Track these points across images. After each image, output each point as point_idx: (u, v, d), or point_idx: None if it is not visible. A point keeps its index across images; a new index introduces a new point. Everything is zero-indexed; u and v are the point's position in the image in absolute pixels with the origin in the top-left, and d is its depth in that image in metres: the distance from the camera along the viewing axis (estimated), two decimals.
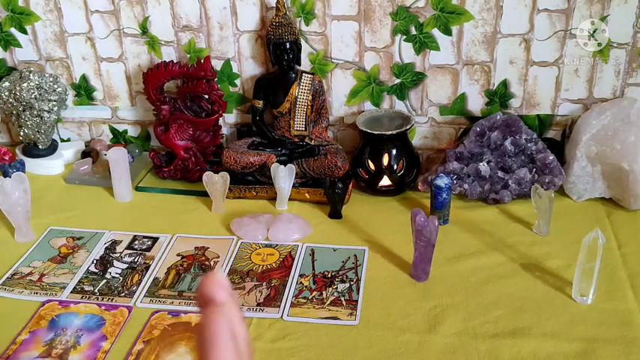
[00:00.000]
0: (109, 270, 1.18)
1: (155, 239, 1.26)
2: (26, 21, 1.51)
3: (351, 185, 1.37)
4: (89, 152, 1.55)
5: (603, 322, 1.00)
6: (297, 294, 1.09)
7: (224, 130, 1.53)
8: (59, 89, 1.51)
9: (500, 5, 1.30)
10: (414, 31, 1.35)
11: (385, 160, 1.34)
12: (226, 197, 1.36)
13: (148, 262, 1.19)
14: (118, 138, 1.61)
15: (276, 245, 1.23)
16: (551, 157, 1.31)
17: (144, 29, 1.46)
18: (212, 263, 1.18)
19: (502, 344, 0.96)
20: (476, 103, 1.41)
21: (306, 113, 1.42)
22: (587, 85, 1.36)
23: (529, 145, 1.32)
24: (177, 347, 0.98)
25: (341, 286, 1.11)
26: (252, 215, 1.29)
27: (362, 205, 1.35)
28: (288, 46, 1.34)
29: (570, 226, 1.24)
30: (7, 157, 1.52)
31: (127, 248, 1.24)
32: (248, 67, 1.47)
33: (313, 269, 1.16)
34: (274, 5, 1.35)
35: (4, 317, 1.07)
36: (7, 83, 1.49)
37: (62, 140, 1.63)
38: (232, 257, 1.20)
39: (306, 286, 1.11)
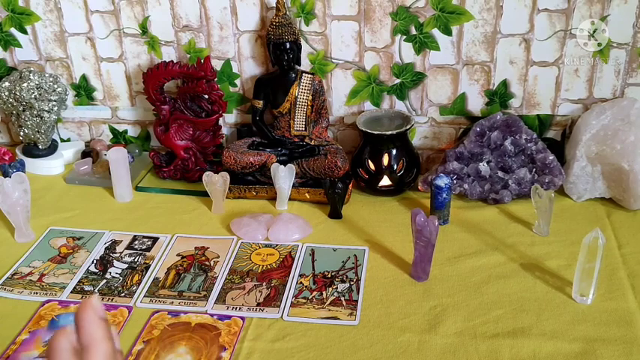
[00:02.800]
0: (109, 270, 1.18)
1: (155, 239, 1.26)
2: (26, 21, 1.51)
3: (351, 185, 1.37)
4: (89, 152, 1.55)
5: (603, 322, 1.00)
6: (297, 294, 1.09)
7: (224, 130, 1.53)
8: (59, 89, 1.51)
9: (500, 5, 1.30)
10: (414, 31, 1.35)
11: (385, 160, 1.34)
12: (226, 197, 1.36)
13: (148, 262, 1.19)
14: (118, 138, 1.62)
15: (276, 245, 1.23)
16: (551, 157, 1.31)
17: (144, 29, 1.46)
18: (212, 263, 1.18)
19: (502, 344, 0.96)
20: (476, 103, 1.41)
21: (306, 113, 1.42)
22: (587, 85, 1.36)
23: (529, 145, 1.32)
24: (177, 347, 0.98)
25: (341, 286, 1.11)
26: (252, 215, 1.29)
27: (362, 205, 1.35)
28: (288, 46, 1.34)
29: (570, 226, 1.24)
30: (7, 157, 1.52)
31: (127, 248, 1.24)
32: (248, 67, 1.47)
33: (313, 269, 1.16)
34: (274, 5, 1.35)
35: (4, 317, 1.07)
36: (7, 83, 1.49)
37: (62, 140, 1.63)
38: (232, 257, 1.20)
39: (306, 286, 1.11)
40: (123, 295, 1.11)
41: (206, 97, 1.42)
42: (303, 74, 1.39)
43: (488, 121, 1.34)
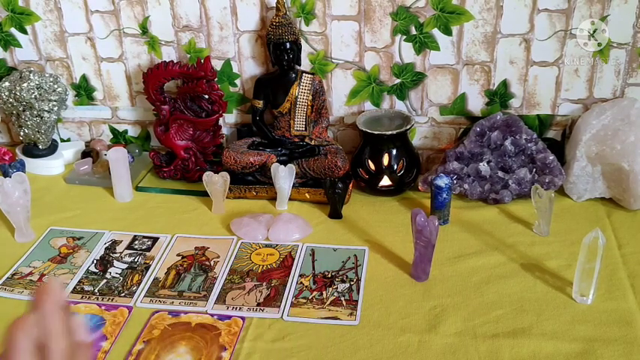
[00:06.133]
0: (109, 270, 1.18)
1: (155, 239, 1.26)
2: (26, 21, 1.51)
3: (351, 185, 1.37)
4: (89, 152, 1.55)
5: (603, 322, 1.00)
6: (297, 294, 1.09)
7: (224, 130, 1.53)
8: (59, 89, 1.51)
9: (500, 5, 1.30)
10: (414, 31, 1.35)
11: (385, 160, 1.34)
12: (226, 197, 1.36)
13: (147, 262, 1.19)
14: (118, 138, 1.62)
15: (276, 245, 1.23)
16: (551, 157, 1.31)
17: (144, 29, 1.46)
18: (212, 263, 1.18)
19: (502, 344, 0.96)
20: (476, 103, 1.41)
21: (306, 113, 1.42)
22: (587, 85, 1.36)
23: (529, 145, 1.32)
24: (177, 347, 0.98)
25: (341, 286, 1.11)
26: (252, 215, 1.29)
27: (362, 205, 1.35)
28: (288, 46, 1.34)
29: (570, 226, 1.24)
30: (7, 157, 1.52)
31: (127, 248, 1.24)
32: (248, 67, 1.47)
33: (313, 269, 1.16)
34: (274, 5, 1.35)
35: (4, 317, 1.06)
36: (7, 83, 1.49)
37: (62, 140, 1.63)
38: (232, 257, 1.20)
39: (306, 286, 1.11)
40: (123, 295, 1.11)
41: (206, 97, 1.42)
42: (303, 74, 1.39)
43: (488, 121, 1.34)
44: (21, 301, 1.10)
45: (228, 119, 1.54)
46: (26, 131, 1.52)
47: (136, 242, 1.26)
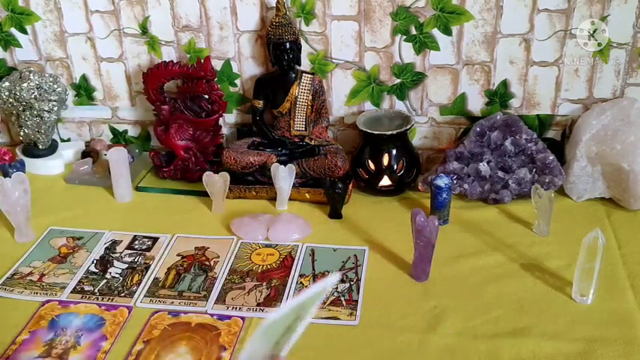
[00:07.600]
0: (109, 270, 1.18)
1: (155, 239, 1.26)
2: (26, 21, 1.51)
3: (351, 185, 1.37)
4: (89, 152, 1.55)
5: (603, 322, 1.00)
6: (297, 294, 1.09)
7: (224, 130, 1.53)
8: (59, 89, 1.51)
9: (500, 5, 1.30)
10: (414, 31, 1.35)
11: (385, 160, 1.34)
12: (226, 197, 1.36)
13: (148, 262, 1.19)
14: (118, 138, 1.61)
15: (276, 245, 1.23)
16: (551, 157, 1.31)
17: (144, 29, 1.46)
18: (212, 263, 1.18)
19: (502, 344, 0.96)
20: (476, 103, 1.41)
21: (306, 113, 1.42)
22: (587, 85, 1.36)
23: (529, 145, 1.32)
24: (177, 347, 0.98)
25: (341, 286, 1.11)
26: (252, 215, 1.29)
27: (362, 205, 1.35)
28: (288, 46, 1.34)
29: (570, 226, 1.24)
30: (7, 157, 1.52)
31: (127, 248, 1.24)
32: (248, 67, 1.47)
33: (313, 269, 1.16)
34: (274, 5, 1.35)
35: (4, 317, 1.07)
36: (7, 83, 1.49)
37: (62, 140, 1.63)
38: (232, 257, 1.20)
39: (306, 286, 1.11)
40: (123, 295, 1.11)
41: (206, 97, 1.42)
42: (303, 74, 1.39)
43: (488, 121, 1.34)
44: (21, 301, 1.10)
45: (228, 119, 1.54)
46: (26, 131, 1.52)
47: (136, 242, 1.26)
